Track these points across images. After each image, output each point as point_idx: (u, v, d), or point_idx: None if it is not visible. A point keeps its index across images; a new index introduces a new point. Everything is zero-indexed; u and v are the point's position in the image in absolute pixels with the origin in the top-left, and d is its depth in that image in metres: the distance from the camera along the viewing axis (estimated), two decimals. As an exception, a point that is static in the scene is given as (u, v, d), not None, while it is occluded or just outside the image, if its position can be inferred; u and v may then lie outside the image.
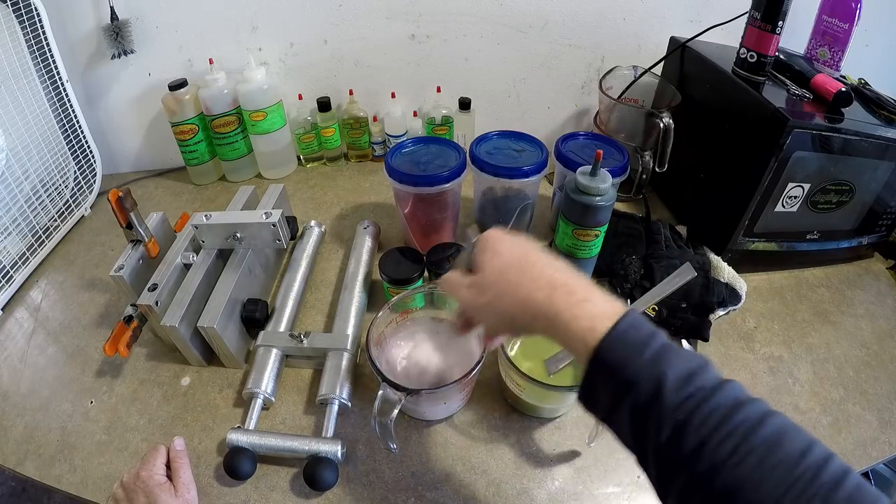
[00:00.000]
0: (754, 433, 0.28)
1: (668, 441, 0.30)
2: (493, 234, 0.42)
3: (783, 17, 0.66)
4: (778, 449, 0.28)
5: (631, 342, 0.32)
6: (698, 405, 0.29)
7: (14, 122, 0.75)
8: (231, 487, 0.53)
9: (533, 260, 0.39)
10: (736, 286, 0.71)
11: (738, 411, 0.29)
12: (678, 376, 0.30)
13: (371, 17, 0.89)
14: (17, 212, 0.77)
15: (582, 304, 0.35)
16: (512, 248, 0.40)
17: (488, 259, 0.40)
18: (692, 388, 0.30)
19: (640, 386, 0.31)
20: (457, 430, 0.58)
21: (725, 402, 0.29)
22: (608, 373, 0.32)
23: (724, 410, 0.29)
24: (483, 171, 0.72)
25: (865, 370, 0.65)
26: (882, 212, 0.75)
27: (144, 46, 0.87)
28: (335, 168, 1.02)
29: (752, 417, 0.29)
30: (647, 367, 0.31)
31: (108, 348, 0.59)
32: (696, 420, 0.29)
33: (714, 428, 0.29)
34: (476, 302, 0.41)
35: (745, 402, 0.30)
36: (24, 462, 0.56)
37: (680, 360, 0.31)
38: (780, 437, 0.28)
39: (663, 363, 0.31)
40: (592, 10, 0.90)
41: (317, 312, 0.72)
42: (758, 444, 0.28)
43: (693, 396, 0.30)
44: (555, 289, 0.36)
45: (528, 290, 0.37)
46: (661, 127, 0.77)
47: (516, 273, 0.38)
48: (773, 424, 0.29)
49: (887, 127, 0.66)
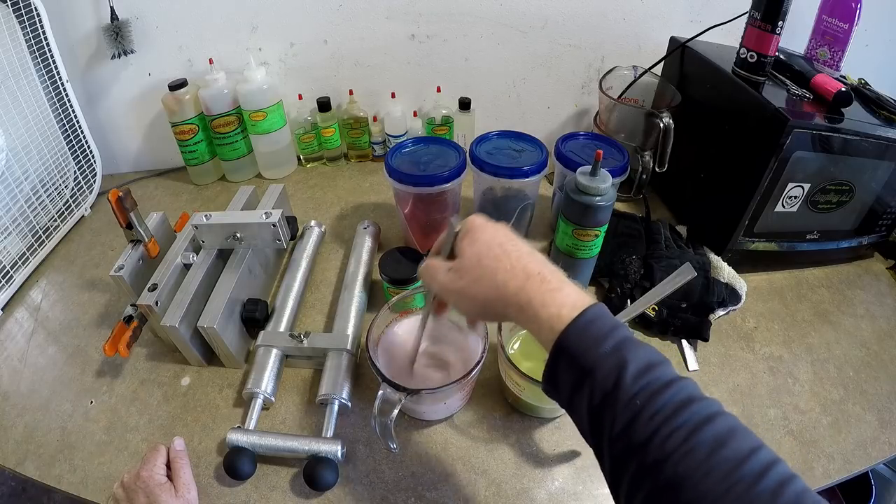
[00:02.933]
0: (703, 429, 0.28)
1: (622, 429, 0.30)
2: (475, 221, 0.42)
3: (783, 17, 0.66)
4: (724, 447, 0.28)
5: (595, 331, 0.33)
6: (652, 395, 0.30)
7: (14, 122, 0.75)
8: (231, 487, 0.53)
9: (510, 249, 0.39)
10: (736, 286, 0.71)
11: (689, 407, 0.29)
12: (637, 366, 0.31)
13: (371, 17, 0.89)
14: (17, 212, 0.77)
15: (553, 292, 0.36)
16: (491, 236, 0.41)
17: (467, 245, 0.41)
18: (649, 377, 0.31)
19: (600, 373, 0.32)
20: (457, 430, 0.58)
21: (678, 397, 0.30)
22: (570, 359, 0.33)
23: (677, 404, 0.30)
24: (483, 171, 0.72)
25: (865, 370, 0.65)
26: (882, 212, 0.75)
27: (144, 46, 0.87)
28: (335, 168, 1.02)
29: (702, 413, 0.29)
30: (608, 355, 0.32)
31: (108, 348, 0.59)
32: (648, 411, 0.30)
33: (664, 420, 0.29)
34: (452, 286, 0.41)
35: (697, 399, 0.30)
36: (24, 462, 0.56)
37: (641, 352, 0.32)
38: (727, 437, 0.28)
39: (624, 353, 0.32)
40: (592, 10, 0.90)
41: (317, 312, 0.72)
42: (705, 440, 0.28)
43: (649, 386, 0.31)
44: (528, 278, 0.37)
45: (503, 277, 0.38)
46: (661, 127, 0.77)
47: (493, 261, 0.39)
48: (722, 423, 0.29)
49: (887, 127, 0.66)
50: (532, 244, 0.40)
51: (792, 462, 0.55)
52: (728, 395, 0.62)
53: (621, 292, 0.69)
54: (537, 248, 0.40)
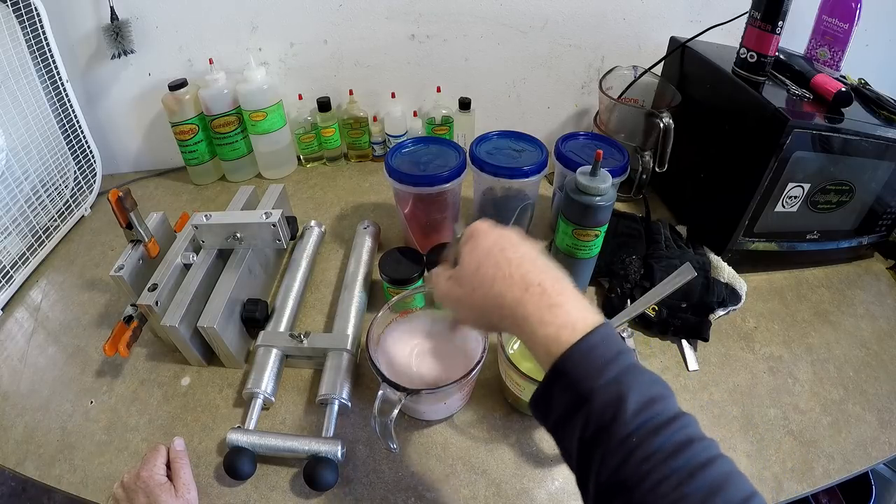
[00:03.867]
0: (697, 475, 0.27)
1: (614, 468, 0.29)
2: (478, 227, 0.41)
3: (783, 17, 0.66)
4: (716, 496, 0.27)
5: (596, 359, 0.31)
6: (651, 434, 0.29)
7: (14, 122, 0.75)
8: (231, 487, 0.53)
9: (510, 256, 0.37)
10: (736, 286, 0.71)
11: (687, 450, 0.28)
12: (639, 400, 0.30)
13: (371, 17, 0.89)
14: (17, 212, 0.77)
15: (553, 309, 0.34)
16: (493, 241, 0.39)
17: (468, 252, 0.40)
18: (650, 413, 0.29)
19: (596, 404, 0.30)
20: (457, 430, 0.58)
21: (677, 438, 0.29)
22: (566, 385, 0.32)
23: (675, 445, 0.28)
24: (483, 171, 0.72)
25: (865, 370, 0.65)
26: (882, 212, 0.75)
27: (144, 46, 0.87)
28: (335, 168, 1.02)
29: (699, 458, 0.28)
30: (607, 386, 0.30)
31: (108, 348, 0.59)
32: (643, 451, 0.28)
33: (658, 463, 0.28)
34: (451, 294, 0.40)
35: (697, 440, 0.29)
36: (24, 462, 0.56)
37: (643, 384, 0.31)
38: (721, 485, 0.27)
39: (626, 385, 0.30)
40: (592, 10, 0.90)
41: (317, 312, 0.72)
42: (699, 487, 0.27)
43: (648, 423, 0.29)
44: (527, 289, 0.35)
45: (500, 287, 0.36)
46: (661, 127, 0.77)
47: (492, 268, 0.37)
48: (717, 470, 0.28)
49: (887, 127, 0.66)
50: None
51: (792, 462, 0.55)
52: (728, 395, 0.62)
53: (621, 292, 0.69)
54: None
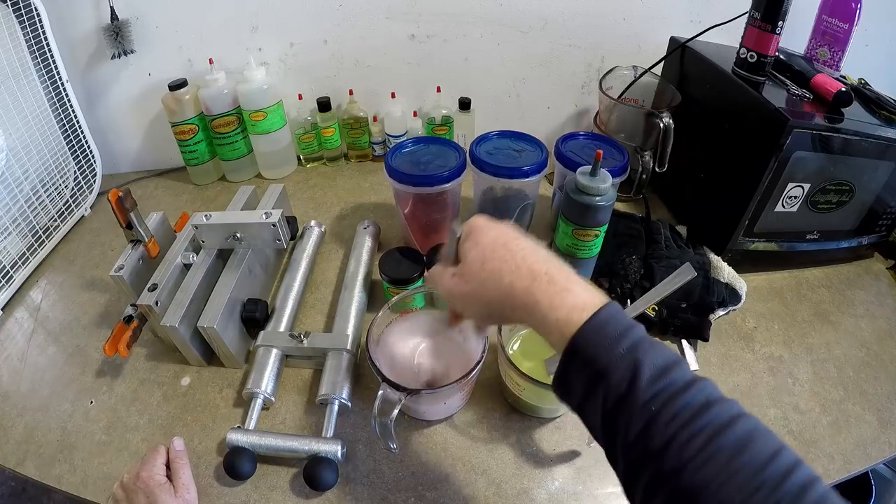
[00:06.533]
0: (722, 435, 0.28)
1: (637, 436, 0.30)
2: (477, 223, 0.42)
3: (783, 17, 0.66)
4: (745, 452, 0.27)
5: (607, 334, 0.32)
6: (669, 399, 0.29)
7: (14, 122, 0.75)
8: (231, 487, 0.53)
9: (514, 249, 0.38)
10: (736, 286, 0.71)
11: (709, 410, 0.29)
12: (653, 369, 0.30)
13: (371, 17, 0.89)
14: (17, 212, 0.77)
15: (562, 293, 0.35)
16: (494, 236, 0.40)
17: (470, 248, 0.40)
18: (666, 381, 0.30)
19: (614, 377, 0.31)
20: (457, 430, 0.58)
21: (697, 400, 0.29)
22: (582, 363, 0.32)
23: (695, 409, 0.29)
24: (483, 171, 0.72)
25: (865, 370, 0.65)
26: (882, 212, 0.75)
27: (144, 46, 0.87)
28: (335, 168, 1.02)
29: (721, 418, 0.29)
30: (621, 359, 0.31)
31: (108, 348, 0.59)
32: (665, 416, 0.29)
33: (682, 426, 0.28)
34: (458, 291, 0.40)
35: (716, 402, 0.29)
36: (24, 462, 0.56)
37: (656, 353, 0.31)
38: (747, 441, 0.28)
39: (639, 355, 0.31)
40: (592, 10, 0.90)
41: (317, 312, 0.72)
42: (724, 446, 0.27)
43: (665, 390, 0.30)
44: (535, 278, 0.36)
45: (509, 279, 0.37)
46: (661, 127, 0.77)
47: (498, 262, 0.38)
48: (742, 427, 0.28)
49: (887, 127, 0.66)
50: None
51: (792, 462, 0.55)
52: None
53: (621, 292, 0.69)
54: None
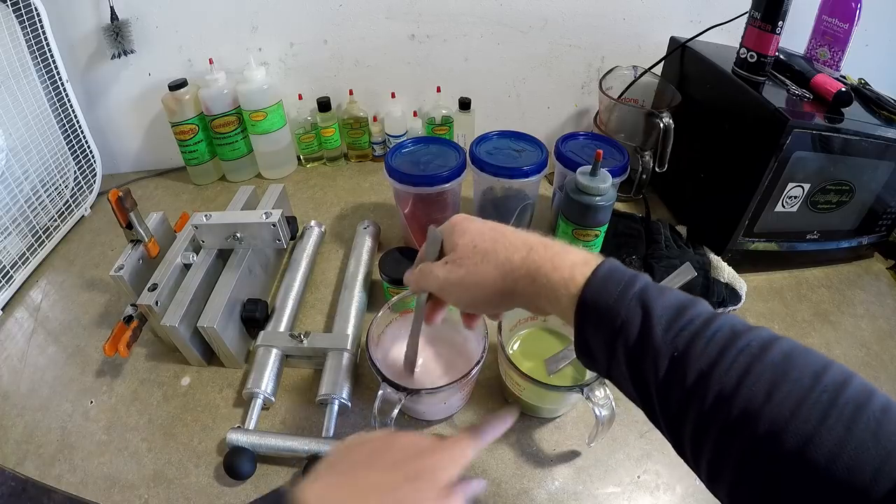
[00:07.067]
0: (759, 360, 0.27)
1: (668, 378, 0.29)
2: (458, 218, 0.42)
3: (783, 17, 0.66)
4: (790, 371, 0.26)
5: (613, 284, 0.32)
6: (693, 337, 0.28)
7: (14, 122, 0.75)
8: (231, 487, 0.53)
9: (503, 230, 0.39)
10: (736, 286, 0.71)
11: (739, 339, 0.28)
12: (667, 310, 0.30)
13: (371, 17, 0.89)
14: (17, 212, 0.77)
15: (561, 254, 0.35)
16: (480, 224, 0.41)
17: (458, 237, 0.40)
18: (684, 320, 0.29)
19: (629, 325, 0.30)
20: (457, 430, 0.58)
21: (722, 333, 0.28)
22: (596, 319, 0.32)
23: (723, 341, 0.28)
24: (483, 171, 0.72)
25: (865, 370, 0.65)
26: (882, 212, 0.75)
27: (144, 46, 0.87)
28: (335, 168, 1.02)
29: (753, 344, 0.27)
30: (632, 305, 0.30)
31: (108, 348, 0.59)
32: (693, 352, 0.28)
33: (714, 360, 0.27)
34: (452, 276, 0.40)
35: (743, 331, 0.28)
36: (24, 462, 0.56)
37: (668, 295, 0.31)
38: (790, 359, 0.27)
39: (649, 299, 0.30)
40: (592, 10, 0.90)
41: (317, 312, 0.72)
42: (766, 368, 0.26)
43: (686, 328, 0.29)
44: (532, 248, 0.36)
45: (504, 254, 0.37)
46: (661, 127, 0.77)
47: (491, 242, 0.38)
48: (778, 349, 0.27)
49: (887, 127, 0.66)
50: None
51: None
52: None
53: (621, 292, 0.69)
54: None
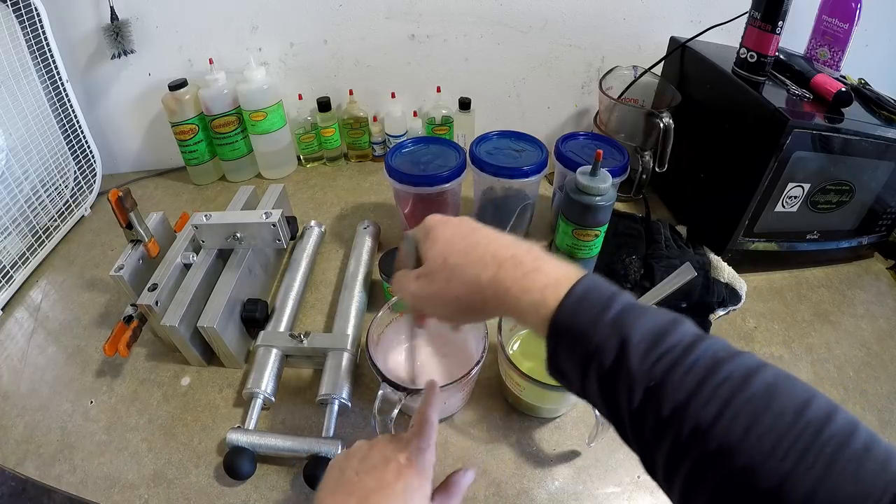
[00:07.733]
0: (740, 392, 0.25)
1: (642, 407, 0.28)
2: (433, 220, 0.40)
3: (783, 17, 0.66)
4: (772, 404, 0.25)
5: (588, 306, 0.30)
6: (671, 368, 0.27)
7: (14, 122, 0.75)
8: (231, 487, 0.53)
9: (476, 240, 0.37)
10: (736, 286, 0.71)
11: (720, 369, 0.27)
12: (645, 336, 0.28)
13: (371, 17, 0.89)
14: (17, 212, 0.77)
15: (531, 275, 0.33)
16: (453, 231, 0.38)
17: (430, 247, 0.38)
18: (663, 348, 0.28)
19: (604, 351, 0.29)
20: (457, 430, 0.58)
21: (703, 362, 0.27)
22: (569, 343, 0.31)
23: (702, 371, 0.27)
24: (483, 171, 0.72)
25: (865, 370, 0.65)
26: (882, 212, 0.75)
27: (144, 46, 0.87)
28: (335, 168, 1.02)
29: (735, 375, 0.26)
30: (608, 330, 0.29)
31: (108, 348, 0.59)
32: (671, 383, 0.27)
33: (692, 391, 0.26)
34: (423, 293, 0.38)
35: (724, 360, 0.27)
36: (24, 462, 0.56)
37: (645, 320, 0.29)
38: (773, 391, 0.25)
39: (627, 324, 0.29)
40: (592, 10, 0.90)
41: (317, 312, 0.72)
42: (745, 403, 0.25)
43: (664, 357, 0.28)
44: (501, 265, 0.34)
45: (474, 271, 0.35)
46: (661, 127, 0.77)
47: (460, 256, 0.36)
48: (761, 380, 0.26)
49: (887, 127, 0.66)
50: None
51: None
52: None
53: (621, 292, 0.69)
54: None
